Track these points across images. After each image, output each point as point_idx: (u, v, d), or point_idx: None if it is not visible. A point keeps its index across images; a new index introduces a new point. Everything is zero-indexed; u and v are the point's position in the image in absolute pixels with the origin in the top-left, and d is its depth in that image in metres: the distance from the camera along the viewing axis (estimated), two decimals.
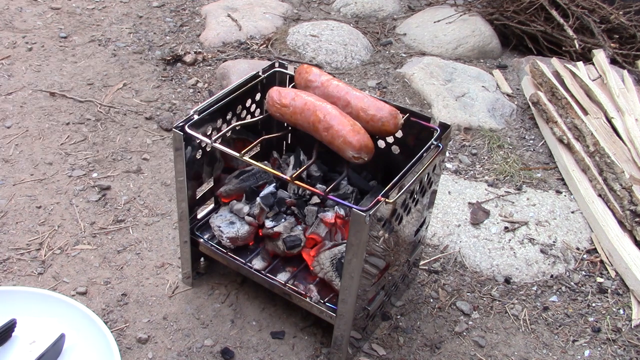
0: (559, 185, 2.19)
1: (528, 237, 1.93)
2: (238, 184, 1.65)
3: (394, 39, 3.13)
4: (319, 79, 1.51)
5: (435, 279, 1.79)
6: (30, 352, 1.43)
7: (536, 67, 2.64)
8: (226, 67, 2.61)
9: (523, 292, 1.78)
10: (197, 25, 3.09)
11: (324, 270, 1.49)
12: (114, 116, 2.37)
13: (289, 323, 1.62)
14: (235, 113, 1.61)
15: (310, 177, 1.68)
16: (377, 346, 1.58)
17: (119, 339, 1.53)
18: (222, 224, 1.60)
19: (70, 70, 2.62)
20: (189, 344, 1.54)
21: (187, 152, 1.46)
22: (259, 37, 2.99)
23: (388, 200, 1.25)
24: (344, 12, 3.35)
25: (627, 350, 1.64)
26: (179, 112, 2.43)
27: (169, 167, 2.13)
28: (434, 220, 1.97)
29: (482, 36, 3.06)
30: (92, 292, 1.66)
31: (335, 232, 1.57)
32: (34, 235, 1.82)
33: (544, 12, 3.04)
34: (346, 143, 1.35)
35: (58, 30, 2.92)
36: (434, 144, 1.43)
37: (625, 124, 2.32)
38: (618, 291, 1.81)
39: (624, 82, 2.61)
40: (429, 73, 2.73)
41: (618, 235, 1.90)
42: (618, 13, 2.99)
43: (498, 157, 2.31)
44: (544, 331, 1.67)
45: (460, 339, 1.63)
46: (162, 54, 2.78)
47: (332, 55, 2.84)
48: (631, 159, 2.17)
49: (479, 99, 2.58)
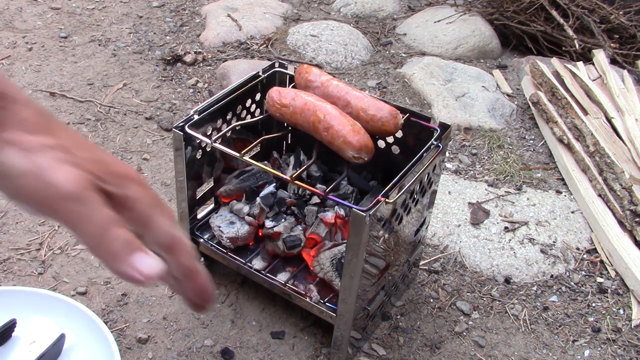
0: (559, 185, 2.19)
1: (528, 237, 1.93)
2: (238, 184, 1.65)
3: (394, 39, 3.13)
4: (319, 79, 1.51)
5: (435, 279, 1.79)
6: (30, 352, 1.42)
7: (536, 67, 2.64)
8: (226, 67, 2.61)
9: (523, 292, 1.78)
10: (197, 25, 3.09)
11: (324, 270, 1.49)
12: (114, 116, 2.37)
13: (289, 323, 1.62)
14: (235, 113, 1.61)
15: (310, 177, 1.68)
16: (377, 346, 1.58)
17: (119, 339, 1.53)
18: (222, 224, 1.60)
19: (70, 70, 2.62)
20: (189, 344, 1.54)
21: (187, 152, 1.46)
22: (259, 37, 2.99)
23: (388, 200, 1.25)
24: (344, 12, 3.35)
25: (627, 350, 1.64)
26: (179, 112, 2.42)
27: (169, 167, 2.13)
28: (434, 220, 1.97)
29: (482, 36, 3.06)
30: (92, 292, 1.66)
31: (335, 232, 1.57)
32: (34, 235, 1.82)
33: (544, 12, 3.04)
34: (346, 143, 1.35)
35: (58, 30, 2.92)
36: (434, 144, 1.43)
37: (625, 124, 2.32)
38: (618, 291, 1.81)
39: (624, 82, 2.60)
40: (429, 73, 2.72)
41: (618, 235, 1.90)
42: (618, 13, 2.99)
43: (498, 157, 2.30)
44: (544, 331, 1.67)
45: (460, 339, 1.62)
46: (162, 54, 2.78)
47: (332, 55, 2.84)
48: (631, 159, 2.17)
49: (479, 99, 2.58)
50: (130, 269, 0.60)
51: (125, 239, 0.61)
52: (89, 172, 0.62)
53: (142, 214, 0.66)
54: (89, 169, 0.62)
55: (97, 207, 0.61)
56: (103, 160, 0.65)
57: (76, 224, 0.60)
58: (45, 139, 0.62)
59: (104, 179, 0.64)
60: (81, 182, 0.61)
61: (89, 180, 0.62)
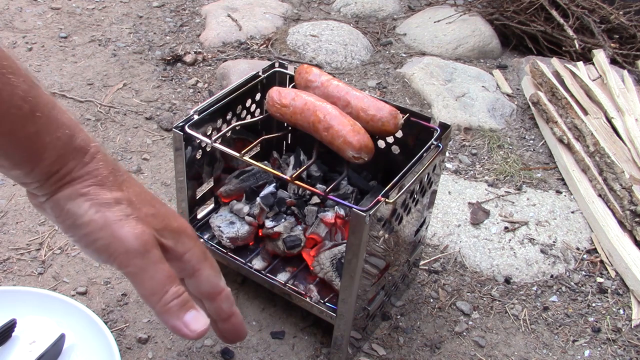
0: (559, 185, 2.19)
1: (528, 237, 1.93)
2: (238, 184, 1.65)
3: (394, 39, 3.13)
4: (319, 79, 1.51)
5: (435, 279, 1.79)
6: (30, 352, 1.42)
7: (536, 67, 2.64)
8: (226, 67, 2.61)
9: (523, 292, 1.78)
10: (197, 25, 3.09)
11: (324, 270, 1.49)
12: (114, 116, 2.37)
13: (289, 323, 1.62)
14: (235, 113, 1.61)
15: (310, 177, 1.68)
16: (377, 346, 1.58)
17: (119, 339, 1.53)
18: (222, 224, 1.60)
19: (70, 70, 2.62)
20: (189, 344, 1.54)
21: (187, 152, 1.46)
22: (259, 37, 2.99)
23: (388, 200, 1.25)
24: (344, 12, 3.35)
25: (627, 350, 1.64)
26: (179, 112, 2.43)
27: (169, 167, 2.13)
28: (434, 220, 1.97)
29: (482, 36, 3.06)
30: (92, 292, 1.66)
31: (335, 232, 1.57)
32: (34, 235, 1.82)
33: (544, 12, 3.04)
34: (346, 143, 1.35)
35: (58, 30, 2.92)
36: (434, 144, 1.43)
37: (625, 124, 2.32)
38: (618, 291, 1.81)
39: (624, 82, 2.61)
40: (429, 73, 2.72)
41: (618, 235, 1.90)
42: (618, 13, 2.99)
43: (498, 157, 2.30)
44: (544, 331, 1.67)
45: (460, 339, 1.62)
46: (162, 54, 2.78)
47: (332, 55, 2.84)
48: (631, 159, 2.17)
49: (479, 99, 2.58)
50: (183, 326, 0.68)
51: (181, 298, 0.68)
52: (152, 226, 0.69)
53: (193, 266, 0.75)
54: (151, 223, 0.69)
55: (159, 264, 0.67)
56: (163, 215, 0.73)
57: (138, 277, 0.67)
58: (115, 194, 0.69)
59: (163, 233, 0.71)
60: (145, 237, 0.67)
61: (151, 235, 0.68)
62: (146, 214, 0.69)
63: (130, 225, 0.66)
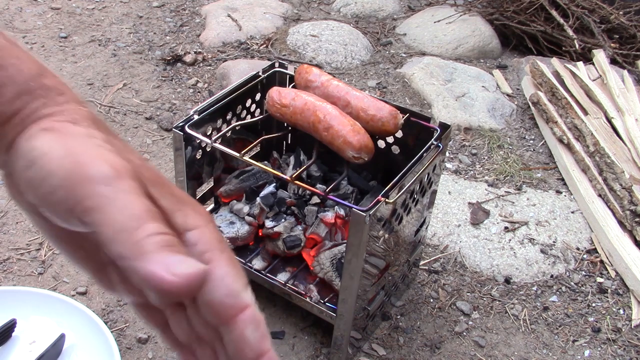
0: (559, 185, 2.19)
1: (528, 237, 1.93)
2: (238, 184, 1.65)
3: (394, 39, 3.13)
4: (319, 79, 1.51)
5: (435, 279, 1.79)
6: (30, 352, 1.42)
7: (536, 67, 2.64)
8: (226, 67, 2.61)
9: (523, 292, 1.78)
10: (197, 25, 3.09)
11: (324, 270, 1.49)
12: (114, 116, 2.37)
13: (289, 323, 1.62)
14: (235, 113, 1.61)
15: (310, 177, 1.68)
16: (377, 346, 1.58)
17: (119, 339, 1.53)
18: (222, 224, 1.60)
19: (70, 70, 2.62)
20: None
21: (187, 152, 1.46)
22: (259, 37, 2.99)
23: (388, 200, 1.25)
24: (344, 12, 3.35)
25: (627, 350, 1.64)
26: (179, 112, 2.42)
27: (169, 167, 2.13)
28: (434, 220, 1.97)
29: (482, 36, 3.06)
30: (92, 292, 1.66)
31: (335, 232, 1.57)
32: (34, 235, 1.82)
33: (544, 12, 3.04)
34: (346, 143, 1.35)
35: (58, 30, 2.92)
36: (434, 144, 1.43)
37: (625, 124, 2.32)
38: (618, 291, 1.81)
39: (624, 82, 2.60)
40: (429, 73, 2.72)
41: (618, 235, 1.90)
42: (618, 13, 2.99)
43: (498, 157, 2.30)
44: (544, 331, 1.67)
45: (460, 339, 1.62)
46: (162, 54, 2.78)
47: (332, 55, 2.84)
48: (631, 159, 2.17)
49: (479, 99, 2.58)
50: (161, 269, 0.41)
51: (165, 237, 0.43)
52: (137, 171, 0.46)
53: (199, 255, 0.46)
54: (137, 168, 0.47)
55: (133, 194, 0.44)
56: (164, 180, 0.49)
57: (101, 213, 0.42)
58: (92, 131, 0.48)
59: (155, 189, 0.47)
60: (118, 167, 0.45)
61: (130, 169, 0.46)
62: (132, 160, 0.47)
63: (102, 153, 0.45)
